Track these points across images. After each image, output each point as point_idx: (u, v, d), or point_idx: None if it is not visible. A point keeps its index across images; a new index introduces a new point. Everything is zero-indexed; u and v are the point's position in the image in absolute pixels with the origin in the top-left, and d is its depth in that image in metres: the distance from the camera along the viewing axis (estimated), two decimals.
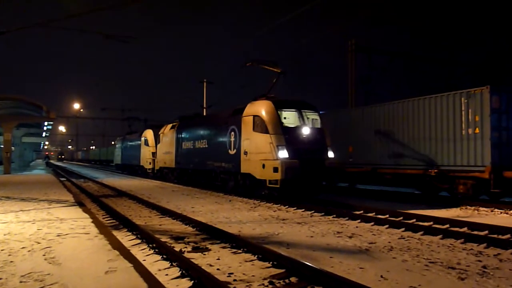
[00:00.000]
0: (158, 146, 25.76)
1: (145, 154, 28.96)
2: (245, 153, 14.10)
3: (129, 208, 12.19)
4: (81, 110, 61.08)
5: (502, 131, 12.36)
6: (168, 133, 23.78)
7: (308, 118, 13.62)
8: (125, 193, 16.29)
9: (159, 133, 25.50)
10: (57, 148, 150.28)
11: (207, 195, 15.70)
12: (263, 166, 12.87)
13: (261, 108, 13.72)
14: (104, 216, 10.56)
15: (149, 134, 29.11)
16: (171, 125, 23.97)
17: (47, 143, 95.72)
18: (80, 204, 11.64)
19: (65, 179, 26.98)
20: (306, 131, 13.08)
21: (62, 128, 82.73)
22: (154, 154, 27.26)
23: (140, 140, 30.52)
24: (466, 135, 12.65)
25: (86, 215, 9.42)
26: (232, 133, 15.24)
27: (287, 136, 12.83)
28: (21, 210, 10.20)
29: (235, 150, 14.95)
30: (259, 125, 13.51)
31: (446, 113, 13.29)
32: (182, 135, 21.43)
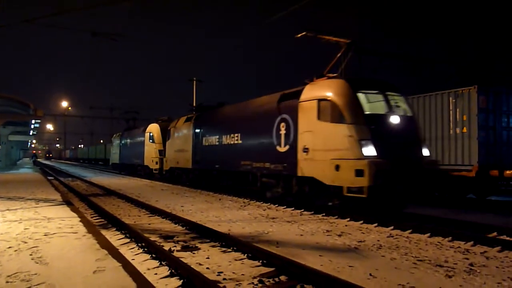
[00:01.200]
0: (167, 143, 22.16)
1: (150, 152, 25.27)
2: (305, 150, 10.71)
3: (118, 207, 12.10)
4: (69, 108, 60.41)
5: (489, 131, 12.54)
6: (182, 127, 20.25)
7: (395, 103, 10.31)
8: (114, 192, 16.16)
9: (170, 127, 22.00)
10: (44, 146, 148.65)
11: (197, 194, 15.65)
12: (337, 167, 9.54)
13: (331, 89, 10.34)
14: (92, 215, 10.47)
15: (154, 129, 25.51)
16: (185, 117, 20.46)
17: (34, 141, 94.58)
18: (68, 203, 11.52)
19: (52, 178, 26.70)
20: (395, 120, 9.85)
21: (49, 127, 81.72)
22: (161, 152, 23.75)
23: (143, 136, 26.79)
24: (454, 134, 12.81)
25: (74, 214, 9.32)
26: (282, 124, 11.83)
27: (373, 127, 9.56)
28: (8, 210, 10.05)
29: (287, 147, 11.63)
30: (328, 112, 10.14)
31: (434, 113, 13.43)
32: (203, 129, 17.80)
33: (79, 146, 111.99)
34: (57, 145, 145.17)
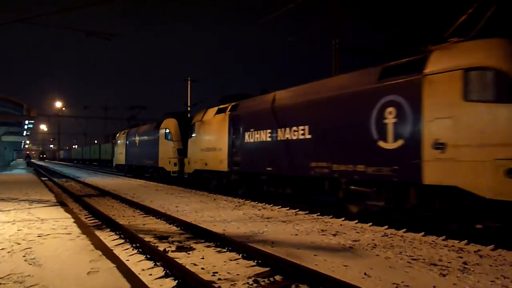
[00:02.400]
0: (190, 140, 18.34)
1: (167, 152, 21.48)
2: (438, 146, 7.40)
3: (112, 207, 12.05)
4: (63, 108, 60.12)
5: None
6: (211, 120, 16.41)
7: None
8: (108, 192, 16.09)
9: (193, 122, 18.27)
10: (38, 147, 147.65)
11: (192, 194, 15.62)
12: (509, 172, 6.34)
13: (491, 52, 7.13)
14: (86, 216, 10.42)
15: (172, 124, 21.66)
16: (216, 108, 16.44)
17: (28, 142, 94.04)
18: (62, 204, 11.44)
19: (46, 178, 26.53)
20: None
21: (43, 127, 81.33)
22: (181, 151, 20.23)
23: (156, 133, 22.98)
24: None
25: (68, 215, 9.26)
26: (390, 109, 8.54)
27: None
28: (1, 211, 9.97)
29: (399, 142, 8.30)
30: (489, 87, 6.88)
31: None
32: (245, 122, 14.00)
33: (73, 146, 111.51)
34: (51, 146, 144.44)
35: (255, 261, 5.79)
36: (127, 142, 29.22)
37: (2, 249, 5.98)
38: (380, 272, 5.29)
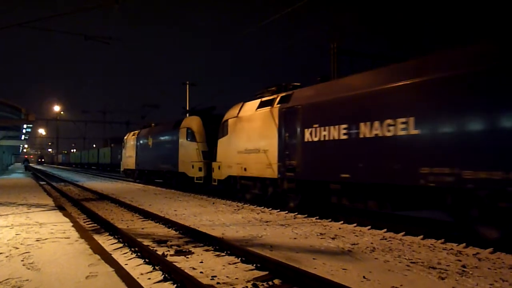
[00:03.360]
0: (222, 141, 15.46)
1: (189, 154, 18.35)
2: None
3: (111, 211, 12.03)
4: (62, 112, 60.12)
5: None
6: (252, 117, 13.53)
7: None
8: (106, 196, 16.07)
9: (225, 120, 15.29)
10: (36, 151, 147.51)
11: (190, 198, 15.60)
12: None
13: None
14: (85, 220, 10.39)
15: (195, 123, 18.53)
16: (257, 102, 13.50)
17: (26, 146, 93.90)
18: (60, 208, 11.43)
19: (45, 182, 26.49)
20: None
21: (42, 131, 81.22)
22: (206, 154, 17.27)
23: (175, 133, 20.09)
24: None
25: (67, 219, 9.25)
26: None
27: None
28: None
29: None
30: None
31: None
32: (304, 116, 11.11)
33: (72, 150, 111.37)
34: (50, 150, 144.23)
35: (254, 265, 5.79)
36: (138, 144, 26.16)
37: (1, 253, 5.97)
38: (379, 275, 5.29)
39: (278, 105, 12.11)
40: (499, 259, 6.17)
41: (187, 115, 23.28)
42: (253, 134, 13.37)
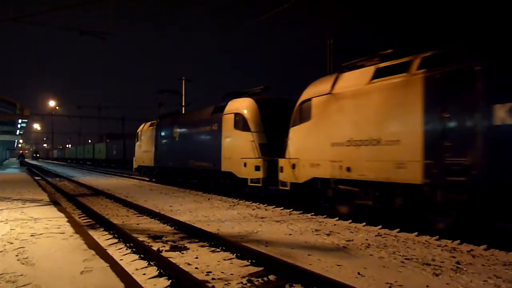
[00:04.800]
0: (298, 129, 11.23)
1: (239, 148, 13.96)
2: None
3: (106, 207, 12.00)
4: (57, 107, 59.84)
5: None
6: (362, 92, 9.28)
7: None
8: (102, 192, 16.02)
9: (305, 100, 11.00)
10: (31, 146, 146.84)
11: (186, 194, 15.59)
12: None
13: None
14: (80, 216, 10.36)
15: (248, 107, 14.03)
16: (370, 69, 9.37)
17: (21, 141, 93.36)
18: (55, 203, 11.39)
19: (40, 178, 26.38)
20: None
21: (37, 126, 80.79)
22: (265, 148, 13.22)
23: (216, 121, 15.53)
24: None
25: (62, 215, 9.22)
26: None
27: None
28: None
29: None
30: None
31: None
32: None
33: (67, 146, 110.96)
34: (45, 145, 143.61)
35: (249, 260, 5.79)
36: (158, 137, 21.88)
37: None
38: (373, 271, 5.31)
39: (423, 71, 8.00)
40: (493, 256, 6.21)
41: (233, 98, 15.59)
42: (364, 117, 9.11)
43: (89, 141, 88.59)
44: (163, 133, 21.37)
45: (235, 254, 6.16)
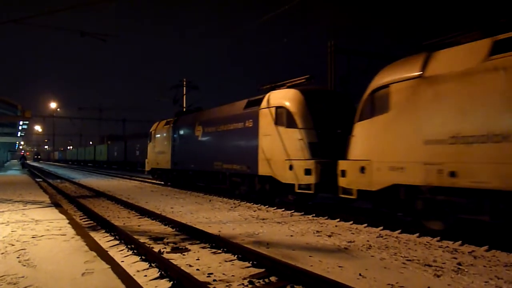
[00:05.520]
0: (368, 124, 9.08)
1: (283, 148, 11.76)
2: None
3: (107, 209, 12.00)
4: (58, 109, 59.87)
5: None
6: (473, 73, 7.09)
7: None
8: (103, 193, 16.04)
9: (380, 86, 8.81)
10: (33, 148, 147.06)
11: (187, 195, 15.59)
12: None
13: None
14: (81, 217, 10.37)
15: (293, 99, 11.82)
16: (485, 44, 7.11)
17: (22, 143, 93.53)
18: (56, 205, 11.39)
19: (41, 179, 26.39)
20: None
21: (38, 128, 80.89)
22: (316, 148, 11.09)
23: (252, 116, 13.29)
24: None
25: (63, 216, 9.22)
26: None
27: None
28: None
29: None
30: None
31: None
32: None
33: (68, 147, 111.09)
34: (46, 147, 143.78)
35: (250, 262, 5.79)
36: (176, 136, 19.76)
37: None
38: (375, 273, 5.30)
39: None
40: (494, 257, 6.20)
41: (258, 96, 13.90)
42: (480, 105, 6.97)
43: (90, 142, 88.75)
44: (182, 132, 19.24)
45: (236, 256, 6.16)
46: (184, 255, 6.30)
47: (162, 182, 21.58)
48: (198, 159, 17.07)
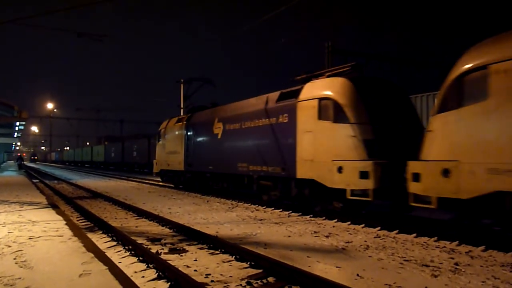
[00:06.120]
0: (447, 116, 7.08)
1: (329, 146, 9.79)
2: None
3: (104, 209, 11.97)
4: (55, 110, 59.76)
5: None
6: None
7: None
8: (100, 194, 16.00)
9: (475, 67, 6.66)
10: (29, 149, 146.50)
11: (185, 196, 15.57)
12: None
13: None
14: (78, 218, 10.34)
15: (342, 88, 9.78)
16: None
17: (19, 144, 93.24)
18: (53, 206, 11.36)
19: (38, 180, 26.31)
20: None
21: (35, 129, 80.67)
22: (372, 146, 9.10)
23: (288, 110, 11.29)
24: None
25: (60, 217, 9.20)
26: None
27: None
28: None
29: None
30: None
31: (419, 114, 13.61)
32: None
33: (65, 148, 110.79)
34: (43, 148, 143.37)
35: (248, 263, 5.79)
36: (190, 134, 17.59)
37: None
38: (372, 273, 5.31)
39: None
40: (491, 257, 6.22)
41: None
42: None
43: (88, 143, 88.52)
44: (197, 130, 17.10)
45: (234, 256, 6.16)
46: (181, 256, 6.30)
47: (172, 185, 19.87)
48: (218, 160, 15.12)
